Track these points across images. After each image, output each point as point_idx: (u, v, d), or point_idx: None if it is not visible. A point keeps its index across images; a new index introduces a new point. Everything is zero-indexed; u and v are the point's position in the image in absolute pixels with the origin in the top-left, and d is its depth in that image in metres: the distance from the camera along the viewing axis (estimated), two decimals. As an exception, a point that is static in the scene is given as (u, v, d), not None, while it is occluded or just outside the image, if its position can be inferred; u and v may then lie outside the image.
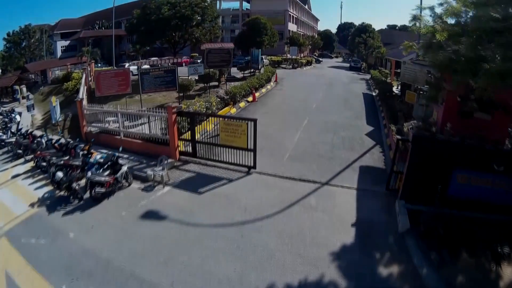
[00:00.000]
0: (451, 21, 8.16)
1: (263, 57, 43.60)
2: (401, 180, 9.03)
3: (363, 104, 20.82)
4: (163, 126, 11.89)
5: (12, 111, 22.74)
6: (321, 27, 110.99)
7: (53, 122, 17.62)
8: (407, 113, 16.14)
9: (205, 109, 14.31)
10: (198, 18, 24.17)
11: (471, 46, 6.48)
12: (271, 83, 25.87)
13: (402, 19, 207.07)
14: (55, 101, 17.58)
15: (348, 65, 60.31)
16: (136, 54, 39.98)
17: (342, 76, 36.25)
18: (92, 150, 11.40)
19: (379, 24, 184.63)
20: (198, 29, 24.19)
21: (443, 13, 8.10)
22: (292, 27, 65.46)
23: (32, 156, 12.36)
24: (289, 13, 62.07)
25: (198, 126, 11.72)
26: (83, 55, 37.89)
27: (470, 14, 7.67)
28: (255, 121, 10.05)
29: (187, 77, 19.56)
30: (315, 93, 23.25)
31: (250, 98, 20.16)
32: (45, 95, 30.22)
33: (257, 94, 21.41)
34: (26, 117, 21.44)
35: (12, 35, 48.54)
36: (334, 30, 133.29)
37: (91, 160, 10.19)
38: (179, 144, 11.85)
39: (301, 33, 74.29)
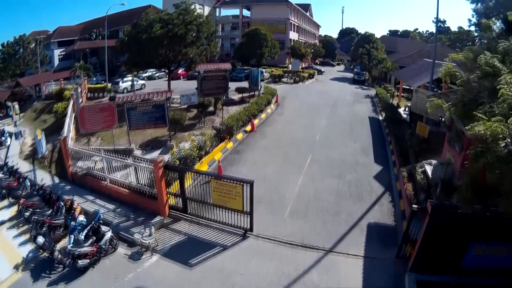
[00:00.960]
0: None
1: (263, 70, 42.92)
2: (413, 248, 8.61)
3: (369, 133, 19.93)
4: (150, 177, 11.00)
5: (3, 132, 22.29)
6: (322, 31, 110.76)
7: (39, 156, 16.99)
8: (418, 147, 15.34)
9: (197, 150, 13.40)
10: (193, 35, 23.13)
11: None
12: (272, 106, 25.04)
13: (404, 24, 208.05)
14: (40, 134, 16.91)
15: (350, 75, 59.76)
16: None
17: (346, 92, 35.37)
18: (75, 205, 11.01)
19: (380, 29, 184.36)
20: (192, 48, 23.17)
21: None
22: (293, 35, 64.87)
23: (17, 200, 12.18)
24: (290, 21, 61.50)
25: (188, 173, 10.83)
26: (76, 70, 37.18)
27: None
28: (251, 183, 9.16)
29: (179, 106, 18.80)
30: (318, 118, 22.40)
31: (248, 127, 19.32)
32: (38, 112, 29.87)
33: (256, 122, 20.56)
34: (15, 145, 20.95)
35: (6, 46, 47.91)
36: (335, 35, 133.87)
37: (73, 223, 9.64)
38: (169, 198, 10.99)
39: (303, 41, 73.78)
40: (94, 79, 42.49)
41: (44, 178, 14.85)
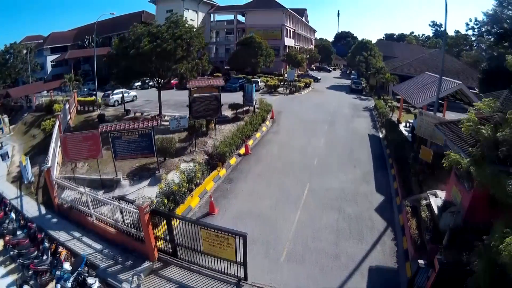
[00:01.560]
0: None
1: (258, 80, 42.54)
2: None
3: (370, 155, 19.41)
4: (136, 219, 10.41)
5: None
6: (318, 34, 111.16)
7: (25, 182, 16.59)
8: (422, 175, 14.89)
9: (187, 184, 12.82)
10: (183, 49, 22.35)
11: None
12: (267, 122, 24.56)
13: (399, 27, 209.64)
14: (24, 160, 16.37)
15: (347, 82, 59.71)
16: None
17: (343, 104, 34.98)
18: (60, 249, 10.91)
19: (376, 33, 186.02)
20: (182, 64, 22.46)
21: None
22: (289, 41, 64.64)
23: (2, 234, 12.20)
24: (286, 27, 61.22)
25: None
26: (66, 83, 36.53)
27: None
28: (244, 237, 8.60)
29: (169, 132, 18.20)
30: (315, 138, 21.87)
31: (242, 150, 18.76)
32: (28, 126, 29.61)
33: (250, 143, 20.06)
34: (2, 166, 20.30)
35: (-3, 54, 47.45)
36: (331, 38, 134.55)
37: (58, 273, 9.45)
38: (157, 241, 10.43)
39: (298, 46, 73.63)
40: (86, 89, 41.82)
41: (31, 206, 14.64)
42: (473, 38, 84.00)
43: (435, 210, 12.23)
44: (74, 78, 36.48)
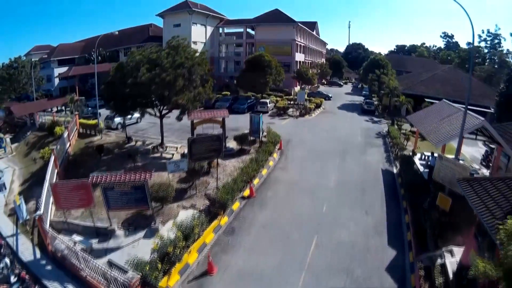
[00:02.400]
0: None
1: (267, 101, 42.05)
2: None
3: (383, 197, 18.42)
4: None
5: None
6: (329, 45, 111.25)
7: (20, 221, 16.35)
8: (438, 226, 14.00)
9: (184, 241, 12.20)
10: (184, 78, 21.48)
11: None
12: (275, 155, 23.84)
13: (410, 39, 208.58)
14: (18, 199, 16.11)
15: (359, 98, 58.98)
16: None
17: (356, 129, 33.84)
18: None
19: (387, 44, 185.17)
20: (184, 94, 21.57)
21: None
22: (299, 57, 64.24)
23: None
24: (296, 42, 60.83)
25: None
26: (67, 103, 36.63)
27: None
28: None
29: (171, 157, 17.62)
30: (325, 176, 20.94)
31: (247, 192, 18.06)
32: (30, 147, 29.68)
33: (256, 181, 19.38)
34: None
35: (1, 69, 48.04)
36: (342, 48, 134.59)
37: None
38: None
39: (309, 61, 73.22)
40: (90, 108, 41.88)
41: (26, 248, 14.52)
42: (486, 51, 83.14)
43: (450, 274, 11.38)
44: (76, 99, 36.40)
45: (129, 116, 31.78)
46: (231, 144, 24.46)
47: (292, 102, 42.21)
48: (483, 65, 68.22)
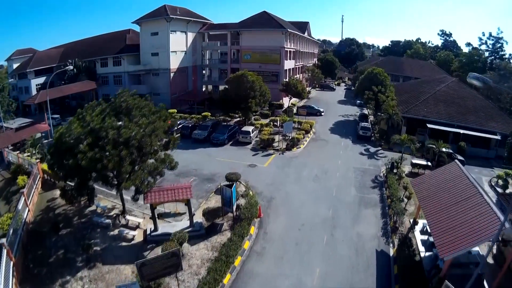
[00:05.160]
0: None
1: (250, 129, 38.23)
2: None
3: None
4: None
5: None
6: (321, 36, 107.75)
7: None
8: None
9: None
10: (134, 156, 17.78)
11: None
12: (252, 231, 20.28)
13: (405, 34, 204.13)
14: None
15: (353, 111, 55.70)
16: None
17: (349, 174, 30.04)
18: None
19: (382, 38, 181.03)
20: (136, 174, 18.05)
21: None
22: (289, 64, 60.12)
23: None
24: (286, 49, 56.50)
25: None
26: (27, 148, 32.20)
27: None
28: None
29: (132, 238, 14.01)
30: (309, 267, 17.65)
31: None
32: None
33: (226, 280, 16.08)
34: None
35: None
36: (335, 39, 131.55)
37: None
38: None
39: (300, 65, 69.24)
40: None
41: None
42: (487, 54, 79.68)
43: None
44: (39, 143, 32.09)
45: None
46: (200, 218, 20.75)
47: (276, 122, 38.45)
48: (484, 74, 65.08)
